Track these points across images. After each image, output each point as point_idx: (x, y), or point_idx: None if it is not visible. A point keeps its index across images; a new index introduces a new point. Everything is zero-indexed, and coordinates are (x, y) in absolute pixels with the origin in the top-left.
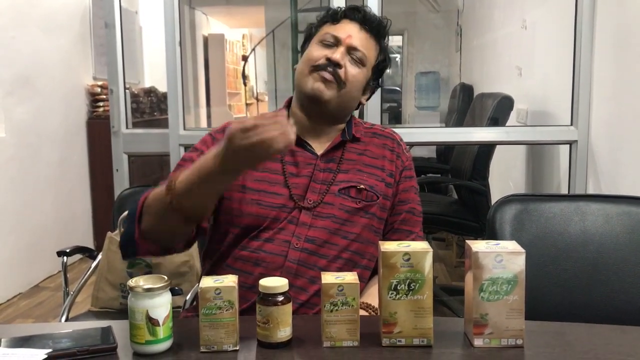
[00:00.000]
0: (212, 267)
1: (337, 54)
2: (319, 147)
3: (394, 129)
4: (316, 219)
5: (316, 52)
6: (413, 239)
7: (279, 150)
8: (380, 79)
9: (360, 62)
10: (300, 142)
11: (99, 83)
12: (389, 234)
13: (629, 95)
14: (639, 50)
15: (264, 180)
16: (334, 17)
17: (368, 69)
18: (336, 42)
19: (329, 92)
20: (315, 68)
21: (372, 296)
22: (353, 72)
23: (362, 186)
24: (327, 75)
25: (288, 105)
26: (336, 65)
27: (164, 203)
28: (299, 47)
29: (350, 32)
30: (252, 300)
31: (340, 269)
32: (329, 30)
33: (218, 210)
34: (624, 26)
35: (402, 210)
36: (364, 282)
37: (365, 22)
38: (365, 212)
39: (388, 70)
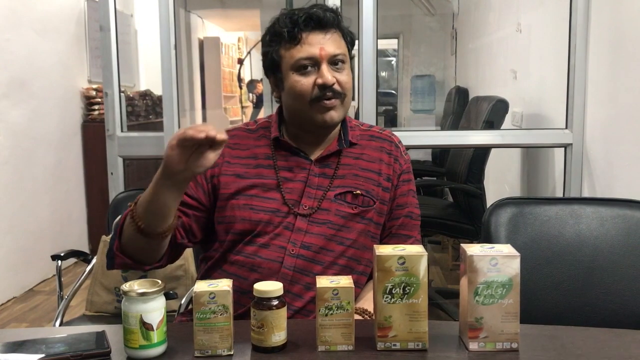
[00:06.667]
0: (208, 272)
1: (327, 76)
2: (313, 153)
3: (392, 131)
4: (312, 225)
5: (302, 83)
6: (412, 244)
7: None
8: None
9: (343, 62)
10: (294, 150)
11: (94, 86)
12: (387, 239)
13: (623, 98)
14: (633, 53)
15: (256, 186)
16: (293, 38)
17: (348, 59)
18: (314, 62)
19: (338, 113)
20: (315, 99)
21: (367, 301)
22: (344, 79)
23: (358, 191)
24: (332, 103)
25: (279, 111)
26: (332, 86)
27: (132, 227)
28: None
29: (319, 43)
30: (247, 306)
31: (336, 275)
32: (298, 54)
33: (213, 220)
34: (618, 29)
35: (400, 215)
36: (360, 288)
37: (323, 24)
38: (362, 218)
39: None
